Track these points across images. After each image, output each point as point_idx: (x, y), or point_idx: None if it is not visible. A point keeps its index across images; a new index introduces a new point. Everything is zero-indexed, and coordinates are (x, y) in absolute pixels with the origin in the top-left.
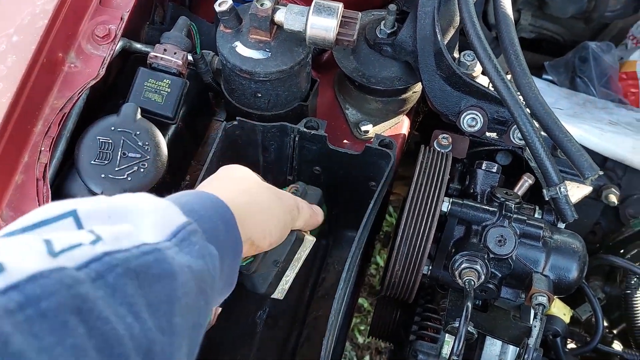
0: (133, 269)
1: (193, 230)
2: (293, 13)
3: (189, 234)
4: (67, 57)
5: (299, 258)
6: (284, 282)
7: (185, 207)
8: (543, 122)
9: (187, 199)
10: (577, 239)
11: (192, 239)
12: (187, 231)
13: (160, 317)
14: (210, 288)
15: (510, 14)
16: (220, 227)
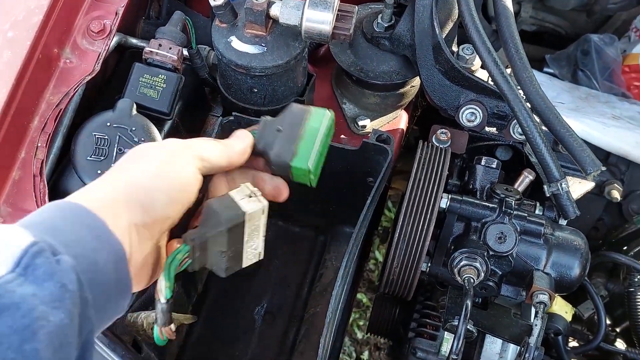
0: None
1: (37, 251)
2: (288, 7)
3: (33, 257)
4: (62, 52)
5: (256, 228)
6: (250, 252)
7: (39, 226)
8: (544, 116)
9: (46, 215)
10: (579, 236)
11: (36, 262)
12: (30, 255)
13: (6, 350)
14: (72, 302)
15: (510, 7)
16: (85, 236)
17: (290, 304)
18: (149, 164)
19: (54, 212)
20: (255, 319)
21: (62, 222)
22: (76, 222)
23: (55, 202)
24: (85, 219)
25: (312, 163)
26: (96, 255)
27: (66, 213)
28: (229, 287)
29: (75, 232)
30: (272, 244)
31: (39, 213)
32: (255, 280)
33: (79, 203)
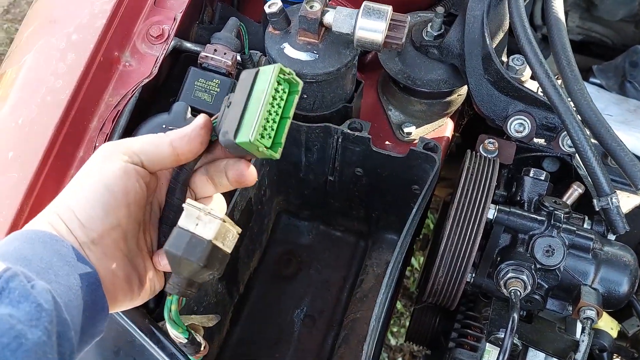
0: None
1: (10, 276)
2: (342, 15)
3: (7, 281)
4: (122, 56)
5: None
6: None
7: (10, 257)
8: (595, 129)
9: (15, 246)
10: (628, 252)
11: (10, 285)
12: (4, 280)
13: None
14: (48, 321)
15: (562, 18)
16: (55, 263)
17: (330, 309)
18: (81, 178)
19: (21, 242)
20: (295, 322)
21: (30, 251)
22: (44, 249)
23: (20, 232)
24: (53, 245)
25: (255, 133)
26: (69, 280)
27: (33, 241)
28: (270, 289)
29: (46, 260)
30: (313, 247)
31: (6, 244)
32: (295, 283)
33: (44, 230)
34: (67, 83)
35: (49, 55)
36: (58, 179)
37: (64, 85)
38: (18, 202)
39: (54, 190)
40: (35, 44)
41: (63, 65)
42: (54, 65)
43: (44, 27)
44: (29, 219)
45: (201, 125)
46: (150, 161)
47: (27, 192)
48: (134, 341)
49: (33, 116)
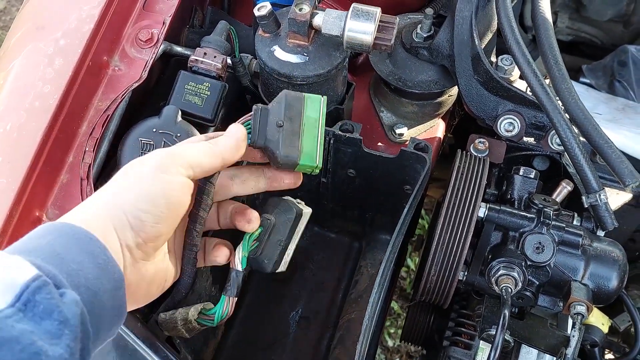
0: None
1: (38, 286)
2: (331, 17)
3: (33, 292)
4: (111, 60)
5: (298, 231)
6: (287, 255)
7: (42, 253)
8: (582, 128)
9: (48, 240)
10: (617, 247)
11: (36, 298)
12: (30, 291)
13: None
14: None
15: (549, 18)
16: (87, 264)
17: (325, 310)
18: (135, 183)
19: (55, 236)
20: (290, 323)
21: (63, 248)
22: (78, 248)
23: (54, 224)
24: (87, 244)
25: (319, 158)
26: (97, 284)
27: (68, 238)
28: (265, 291)
29: (78, 260)
30: (307, 250)
31: (39, 236)
32: (290, 285)
33: (80, 227)
34: (56, 88)
35: (37, 61)
36: (47, 184)
37: (52, 90)
38: (7, 207)
39: (44, 195)
40: (23, 50)
41: (51, 71)
42: (42, 70)
43: (31, 33)
44: (18, 224)
45: (243, 138)
46: (203, 173)
47: (16, 198)
48: (127, 345)
49: (22, 122)
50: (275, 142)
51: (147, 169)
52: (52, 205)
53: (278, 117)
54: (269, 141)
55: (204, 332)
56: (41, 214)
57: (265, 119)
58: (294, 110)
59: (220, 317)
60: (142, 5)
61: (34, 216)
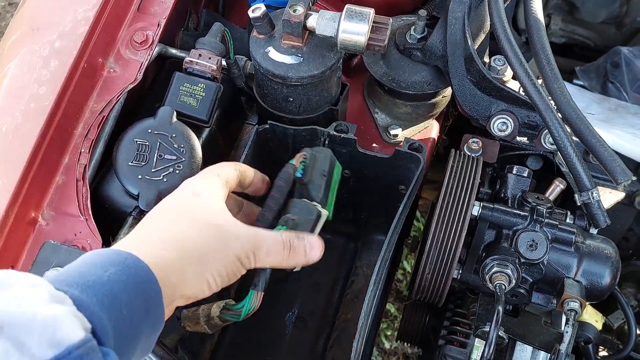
0: None
1: (81, 355)
2: (325, 19)
3: (79, 357)
4: (106, 62)
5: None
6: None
7: (100, 291)
8: (575, 126)
9: (109, 275)
10: (610, 245)
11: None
12: (71, 358)
13: None
14: None
15: (541, 19)
16: (140, 309)
17: (321, 310)
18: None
19: (116, 269)
20: (287, 324)
21: (122, 286)
22: (135, 287)
23: (122, 254)
24: (144, 284)
25: (332, 212)
26: (136, 331)
27: (129, 275)
28: None
29: (131, 301)
30: None
31: (104, 267)
32: (286, 286)
33: (145, 266)
34: (51, 90)
35: (33, 63)
36: (43, 185)
37: (47, 92)
38: (3, 208)
39: (40, 196)
40: (19, 52)
41: (46, 72)
42: (37, 72)
43: (27, 35)
44: (13, 225)
45: None
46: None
47: (11, 199)
48: None
49: (17, 123)
50: (317, 187)
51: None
52: (47, 207)
53: (323, 167)
54: (312, 182)
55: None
56: (37, 215)
57: (314, 164)
58: (330, 166)
59: (247, 311)
60: (137, 7)
61: (29, 217)
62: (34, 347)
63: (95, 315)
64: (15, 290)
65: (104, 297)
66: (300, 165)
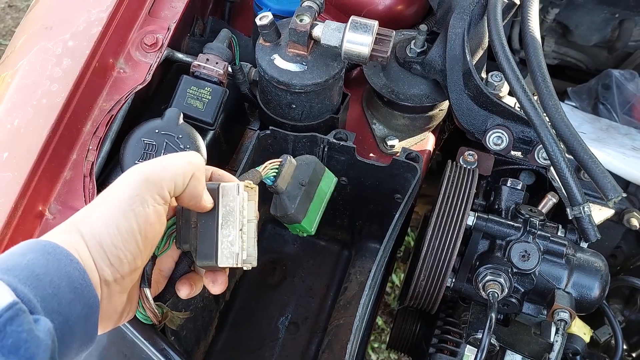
0: None
1: (12, 316)
2: (330, 29)
3: (5, 323)
4: (117, 62)
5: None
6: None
7: (21, 272)
8: (568, 143)
9: (28, 259)
10: (599, 258)
11: (7, 329)
12: (3, 321)
13: None
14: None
15: (538, 38)
16: (65, 289)
17: (314, 316)
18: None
19: (36, 255)
20: (279, 329)
21: (42, 269)
22: (57, 269)
23: (38, 242)
24: (66, 266)
25: (315, 226)
26: (70, 310)
27: (49, 257)
28: (255, 296)
29: (55, 282)
30: (297, 256)
31: (21, 253)
32: (280, 291)
33: (62, 247)
34: (63, 87)
35: (45, 60)
36: (51, 179)
37: (59, 89)
38: (12, 200)
39: (48, 190)
40: (32, 49)
41: (59, 70)
42: (50, 69)
43: (40, 33)
44: (22, 218)
45: None
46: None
47: (21, 192)
48: (125, 337)
49: (29, 118)
50: (293, 198)
51: (124, 202)
52: (55, 201)
53: (303, 177)
54: (288, 192)
55: (196, 331)
56: (44, 209)
57: (291, 172)
58: (316, 177)
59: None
60: (148, 10)
61: (37, 210)
62: None
63: (18, 290)
64: None
65: (25, 278)
66: (270, 172)
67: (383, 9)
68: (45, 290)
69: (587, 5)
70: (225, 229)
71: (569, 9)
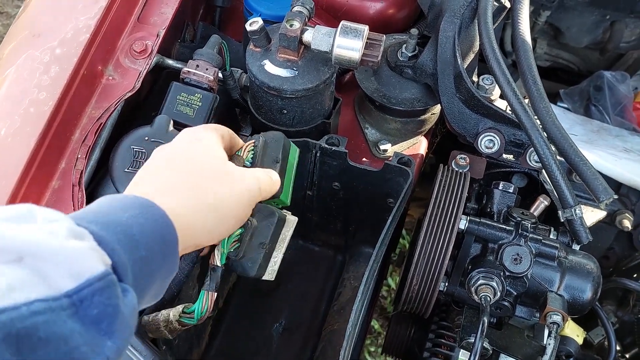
0: (15, 333)
1: (102, 287)
2: (320, 34)
3: (94, 293)
4: (105, 70)
5: (284, 238)
6: (273, 263)
7: (121, 232)
8: (559, 145)
9: (128, 215)
10: (591, 260)
11: (94, 299)
12: (92, 290)
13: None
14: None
15: (528, 41)
16: (157, 254)
17: (308, 321)
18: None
19: (136, 213)
20: (273, 335)
21: (140, 228)
22: (153, 231)
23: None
24: (162, 229)
25: (290, 198)
26: (156, 274)
27: (147, 220)
28: (249, 303)
29: (149, 246)
30: (291, 262)
31: (123, 209)
32: (274, 297)
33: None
34: (51, 95)
35: (33, 68)
36: (40, 189)
37: (47, 97)
38: None
39: (36, 199)
40: (19, 57)
41: (47, 78)
42: (38, 77)
43: (28, 41)
44: None
45: None
46: None
47: (9, 201)
48: None
49: (16, 127)
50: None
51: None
52: None
53: (276, 154)
54: None
55: (188, 340)
56: None
57: (265, 150)
58: (285, 152)
59: (200, 313)
60: (137, 17)
61: None
62: (54, 277)
63: (115, 252)
64: (35, 223)
65: (123, 236)
66: (249, 155)
67: (374, 13)
68: (139, 254)
69: (578, 7)
70: (277, 251)
71: (560, 11)
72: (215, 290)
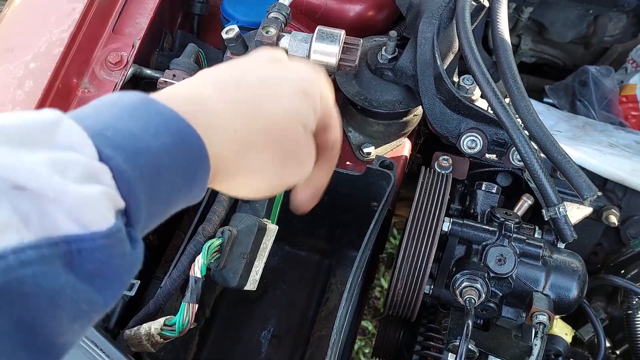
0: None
1: (107, 245)
2: (297, 40)
3: (94, 249)
4: (81, 82)
5: (265, 247)
6: (254, 272)
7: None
8: (541, 144)
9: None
10: (576, 258)
11: (94, 255)
12: (94, 245)
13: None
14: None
15: (507, 39)
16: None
17: (296, 328)
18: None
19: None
20: (262, 342)
21: (170, 162)
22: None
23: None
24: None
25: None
26: (167, 211)
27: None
28: (236, 311)
29: (173, 186)
30: (278, 268)
31: (155, 135)
32: (261, 304)
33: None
34: (25, 110)
35: (7, 83)
36: None
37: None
38: None
39: None
40: None
41: (21, 93)
42: (12, 92)
43: (1, 56)
44: None
45: None
46: None
47: None
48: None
49: None
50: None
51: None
52: None
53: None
54: None
55: (175, 351)
56: None
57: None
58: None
59: (181, 326)
60: (111, 28)
61: None
62: (58, 218)
63: (132, 193)
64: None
65: (148, 170)
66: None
67: (354, 15)
68: (160, 194)
69: (560, 2)
70: (259, 260)
71: (543, 7)
72: (196, 302)
